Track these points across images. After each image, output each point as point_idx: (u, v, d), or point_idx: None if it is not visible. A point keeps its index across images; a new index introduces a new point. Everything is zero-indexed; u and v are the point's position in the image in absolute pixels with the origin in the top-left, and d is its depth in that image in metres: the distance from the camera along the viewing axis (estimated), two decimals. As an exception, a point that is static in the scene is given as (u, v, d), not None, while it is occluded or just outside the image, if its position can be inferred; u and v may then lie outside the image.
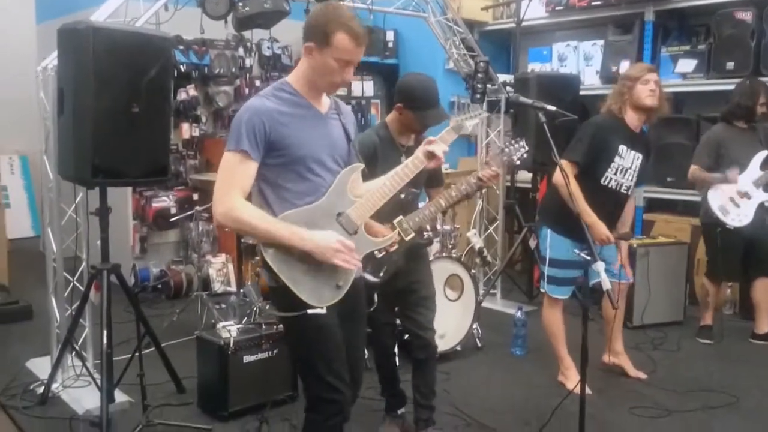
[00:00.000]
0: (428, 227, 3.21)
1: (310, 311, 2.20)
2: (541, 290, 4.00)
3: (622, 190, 3.76)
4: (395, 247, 2.98)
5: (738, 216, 4.54)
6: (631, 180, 3.76)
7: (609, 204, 3.73)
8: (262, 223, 2.17)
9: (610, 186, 3.71)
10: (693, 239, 5.51)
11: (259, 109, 2.20)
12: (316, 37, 2.18)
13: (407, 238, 3.01)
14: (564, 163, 3.62)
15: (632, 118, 3.74)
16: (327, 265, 2.20)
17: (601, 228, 3.58)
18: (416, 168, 2.38)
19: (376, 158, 2.98)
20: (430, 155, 2.37)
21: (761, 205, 4.54)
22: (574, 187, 3.50)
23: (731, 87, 5.33)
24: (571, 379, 3.86)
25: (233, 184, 2.17)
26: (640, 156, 3.76)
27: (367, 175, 2.48)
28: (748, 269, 4.76)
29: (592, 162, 3.68)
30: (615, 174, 3.71)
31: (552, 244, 3.77)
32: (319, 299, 2.22)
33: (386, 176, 2.39)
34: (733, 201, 4.56)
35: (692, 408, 3.70)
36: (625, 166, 3.71)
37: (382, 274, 3.04)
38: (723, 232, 4.59)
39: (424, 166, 2.39)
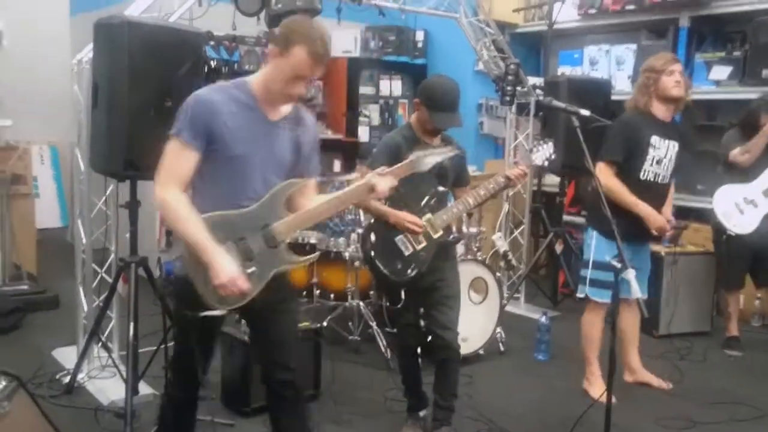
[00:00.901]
0: (454, 227, 3.24)
1: (205, 313, 2.25)
2: (579, 295, 3.91)
3: (661, 181, 3.71)
4: (418, 231, 3.02)
5: (741, 223, 4.46)
6: (668, 169, 3.71)
7: (652, 198, 3.66)
8: (184, 222, 2.20)
9: (649, 179, 3.67)
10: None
11: (203, 99, 2.22)
12: (278, 43, 2.20)
13: (435, 236, 3.04)
14: (602, 165, 3.62)
15: (660, 110, 3.69)
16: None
17: (656, 217, 3.58)
18: (357, 196, 2.40)
19: (401, 160, 2.97)
20: (371, 189, 2.35)
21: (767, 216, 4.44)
22: (618, 184, 3.54)
23: (767, 95, 5.28)
24: (596, 386, 3.82)
25: (174, 174, 2.21)
26: (676, 144, 3.71)
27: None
28: (761, 280, 4.71)
29: (628, 159, 3.64)
30: (652, 165, 3.66)
31: (597, 246, 3.71)
32: (222, 302, 2.26)
33: (327, 198, 2.40)
34: (738, 207, 4.48)
35: (718, 420, 3.65)
36: (660, 156, 3.66)
37: (410, 271, 3.06)
38: (729, 238, 4.54)
39: (363, 196, 2.39)
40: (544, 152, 3.22)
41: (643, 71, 3.76)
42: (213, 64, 5.80)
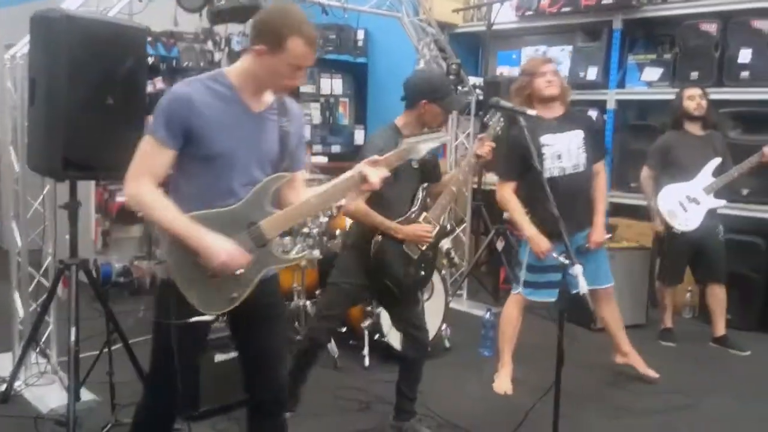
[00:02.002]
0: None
1: (194, 319, 2.14)
2: (513, 292, 4.02)
3: (572, 172, 3.75)
4: (431, 240, 3.11)
5: (685, 221, 4.63)
6: (578, 158, 3.77)
7: (567, 191, 3.63)
8: (163, 212, 2.10)
9: (555, 175, 3.71)
10: (655, 244, 5.62)
11: (180, 96, 2.11)
12: (268, 41, 2.10)
13: (435, 231, 3.12)
14: (500, 184, 3.79)
15: (544, 110, 3.75)
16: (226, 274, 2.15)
17: (540, 241, 3.66)
18: (348, 189, 2.27)
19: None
20: (364, 179, 2.23)
21: (710, 212, 4.62)
22: (514, 203, 3.72)
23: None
24: (499, 380, 3.95)
25: (146, 170, 2.11)
26: (579, 131, 3.78)
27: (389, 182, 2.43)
28: (700, 275, 4.90)
29: (526, 170, 3.61)
30: (554, 162, 3.73)
31: (530, 249, 3.78)
32: (209, 307, 2.17)
33: (316, 192, 2.28)
34: (681, 206, 4.65)
35: (655, 409, 3.79)
36: (559, 150, 3.74)
37: (422, 272, 3.17)
38: (670, 235, 4.72)
39: (355, 189, 2.27)
40: (498, 124, 3.28)
41: (518, 76, 3.91)
42: (151, 60, 5.68)
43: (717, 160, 4.63)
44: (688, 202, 4.64)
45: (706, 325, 5.26)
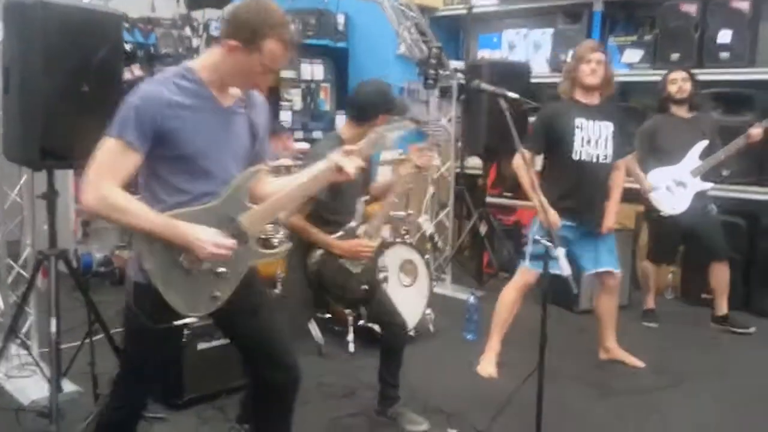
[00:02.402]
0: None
1: (178, 322, 2.08)
2: (520, 267, 4.00)
3: (600, 161, 3.82)
4: (369, 255, 3.08)
5: (672, 204, 4.65)
6: (606, 148, 3.82)
7: (591, 179, 3.81)
8: (138, 213, 1.99)
9: (583, 159, 3.78)
10: (637, 225, 5.67)
11: (152, 96, 2.00)
12: (243, 38, 2.00)
13: (376, 243, 3.08)
14: (521, 151, 3.70)
15: (582, 95, 3.83)
16: (206, 272, 2.09)
17: (549, 210, 3.61)
18: (324, 179, 2.22)
19: None
20: (339, 169, 2.18)
21: (699, 194, 4.64)
22: (525, 170, 3.60)
23: (676, 77, 5.52)
24: (484, 362, 3.97)
25: (112, 174, 1.98)
26: (609, 124, 3.83)
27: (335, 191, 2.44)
28: (699, 256, 4.90)
29: (557, 143, 3.78)
30: (583, 146, 3.78)
31: (539, 225, 3.79)
32: (192, 308, 2.11)
33: (290, 185, 2.23)
34: (669, 189, 4.67)
35: (639, 389, 3.83)
36: (590, 136, 3.79)
37: (364, 286, 3.13)
38: (658, 218, 4.74)
39: (330, 179, 2.22)
40: (437, 130, 3.28)
41: (570, 58, 3.91)
42: (128, 47, 5.59)
43: (704, 143, 4.63)
44: (675, 186, 4.65)
45: (687, 305, 5.34)
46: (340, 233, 3.05)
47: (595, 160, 3.81)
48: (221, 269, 2.12)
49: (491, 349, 4.03)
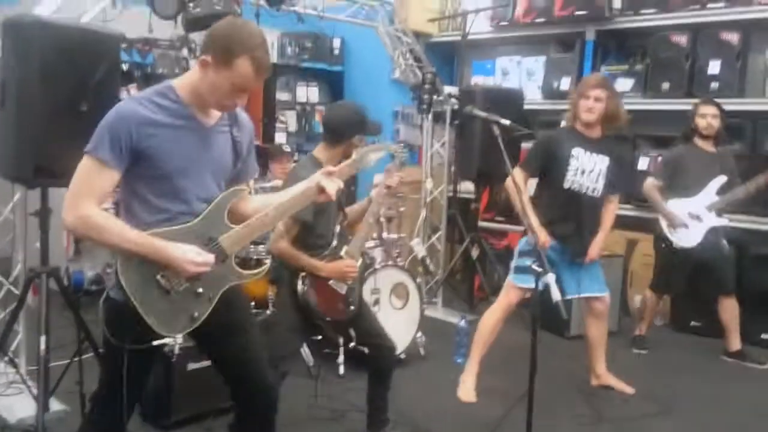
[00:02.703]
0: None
1: (157, 342, 2.07)
2: (505, 282, 4.04)
3: (589, 193, 3.86)
4: (355, 275, 3.07)
5: (686, 237, 4.62)
6: (597, 182, 3.86)
7: (579, 209, 3.85)
8: (118, 232, 1.99)
9: (574, 189, 3.83)
10: (627, 252, 5.70)
11: (128, 115, 2.00)
12: (216, 54, 2.00)
13: (359, 263, 3.10)
14: (515, 170, 3.74)
15: (583, 127, 3.87)
16: (185, 292, 2.08)
17: (540, 232, 3.69)
18: (305, 200, 2.22)
19: None
20: (321, 190, 2.20)
21: (712, 230, 4.60)
22: (517, 190, 3.59)
23: (666, 107, 5.60)
24: (466, 386, 3.97)
25: (89, 193, 1.99)
26: (605, 158, 3.86)
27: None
28: (708, 291, 4.84)
29: (550, 169, 3.83)
30: (576, 176, 3.82)
31: (526, 237, 3.88)
32: (169, 328, 2.08)
33: (274, 204, 2.22)
34: (683, 222, 4.63)
35: (629, 416, 3.83)
36: (584, 167, 3.83)
37: (351, 308, 3.14)
38: (667, 249, 4.71)
39: (312, 199, 2.22)
40: (401, 153, 3.33)
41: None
42: (125, 67, 5.63)
43: (722, 179, 4.59)
44: (689, 219, 4.61)
45: (677, 333, 5.36)
46: (325, 254, 3.07)
47: (584, 191, 3.85)
48: (200, 289, 2.11)
49: (470, 372, 4.03)
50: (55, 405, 3.43)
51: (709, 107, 4.67)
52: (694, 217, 4.62)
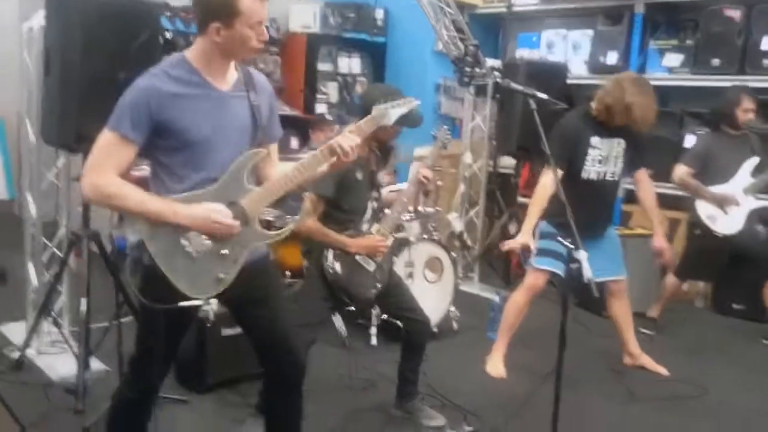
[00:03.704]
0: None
1: (184, 303, 2.09)
2: (527, 267, 4.03)
3: (607, 178, 3.82)
4: (385, 252, 3.09)
5: (727, 223, 4.50)
6: (615, 165, 3.81)
7: (596, 196, 3.79)
8: (137, 198, 2.05)
9: (591, 178, 3.77)
10: (669, 231, 5.58)
11: (147, 89, 2.06)
12: (220, 15, 2.02)
13: (389, 242, 3.10)
14: (547, 170, 3.71)
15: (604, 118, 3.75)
16: (210, 254, 2.12)
17: (527, 237, 3.70)
18: (320, 161, 2.22)
19: (349, 181, 3.03)
20: (333, 151, 2.21)
21: (751, 213, 4.50)
22: (541, 191, 3.70)
23: (716, 83, 5.41)
24: (492, 362, 3.99)
25: (107, 164, 2.05)
26: (621, 141, 3.78)
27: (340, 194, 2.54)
28: (752, 275, 4.71)
29: (570, 160, 3.73)
30: (593, 165, 3.76)
31: (545, 225, 3.85)
32: (198, 290, 2.12)
33: (292, 166, 2.24)
34: (721, 208, 4.52)
35: (660, 397, 3.79)
36: (602, 155, 3.76)
37: (378, 285, 3.14)
38: (702, 235, 4.58)
39: (328, 160, 2.22)
40: (445, 136, 3.29)
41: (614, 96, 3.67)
42: (169, 35, 5.69)
43: (755, 160, 4.49)
44: (724, 206, 4.51)
45: (718, 315, 5.24)
46: (351, 232, 3.07)
47: (602, 177, 3.80)
48: (224, 251, 2.15)
49: (498, 349, 4.04)
50: (96, 364, 3.54)
51: (752, 101, 4.52)
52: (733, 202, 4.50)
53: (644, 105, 3.62)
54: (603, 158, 3.77)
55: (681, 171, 4.59)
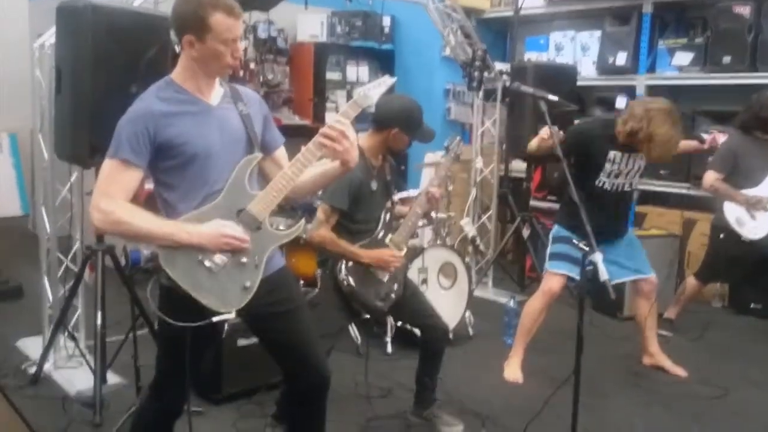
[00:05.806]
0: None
1: (216, 318, 2.10)
2: (543, 273, 4.02)
3: (620, 189, 3.81)
4: (398, 265, 3.07)
5: (754, 228, 4.43)
6: (634, 177, 3.82)
7: (606, 203, 3.75)
8: (144, 223, 2.05)
9: (605, 188, 3.75)
10: (684, 232, 5.54)
11: (142, 115, 2.09)
12: (192, 28, 2.06)
13: (403, 252, 3.10)
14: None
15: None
16: (230, 266, 2.12)
17: None
18: (314, 154, 2.20)
19: (362, 191, 3.04)
20: (323, 142, 2.18)
21: None
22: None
23: (727, 81, 5.38)
24: (510, 368, 3.97)
25: (113, 190, 2.06)
26: (642, 157, 3.74)
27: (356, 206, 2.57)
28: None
29: (581, 167, 3.72)
30: (608, 177, 3.75)
31: (558, 228, 3.87)
32: (227, 304, 2.12)
33: (289, 164, 2.24)
34: (749, 212, 4.44)
35: (679, 397, 3.76)
36: (620, 170, 3.74)
37: (393, 295, 3.12)
38: (727, 239, 4.52)
39: (321, 151, 2.20)
40: (457, 147, 3.30)
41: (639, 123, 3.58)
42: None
43: None
44: (756, 209, 4.45)
45: (735, 315, 5.19)
46: (366, 241, 3.06)
47: (617, 189, 3.78)
48: (244, 259, 2.15)
49: (515, 355, 4.01)
50: (112, 378, 3.56)
51: None
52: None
53: (667, 138, 3.55)
54: (619, 172, 3.75)
55: (710, 177, 4.51)
